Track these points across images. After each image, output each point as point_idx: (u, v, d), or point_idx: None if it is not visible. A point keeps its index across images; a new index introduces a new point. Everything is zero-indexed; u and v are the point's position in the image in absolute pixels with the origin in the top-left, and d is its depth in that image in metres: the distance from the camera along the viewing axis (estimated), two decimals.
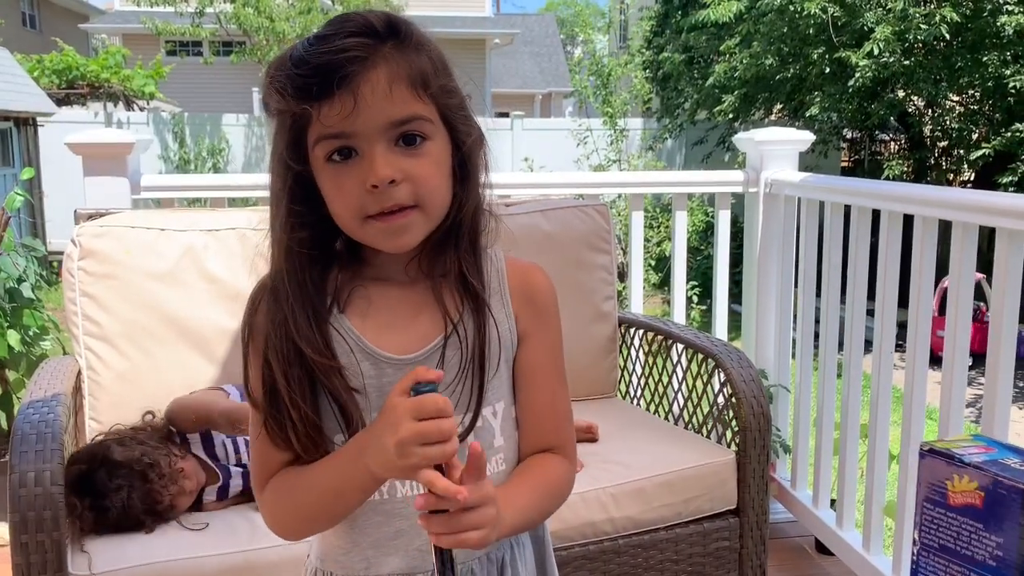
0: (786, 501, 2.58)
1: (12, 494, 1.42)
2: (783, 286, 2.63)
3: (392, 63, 0.87)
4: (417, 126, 0.88)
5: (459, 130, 0.93)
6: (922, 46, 7.92)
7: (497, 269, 0.99)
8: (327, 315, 0.94)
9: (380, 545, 0.96)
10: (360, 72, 0.85)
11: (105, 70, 13.18)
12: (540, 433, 1.01)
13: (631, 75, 10.91)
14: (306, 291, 0.93)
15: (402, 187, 0.88)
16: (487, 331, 0.95)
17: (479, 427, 0.96)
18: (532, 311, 1.00)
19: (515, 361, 0.99)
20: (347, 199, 0.89)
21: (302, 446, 0.92)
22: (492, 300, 0.97)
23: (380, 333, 0.94)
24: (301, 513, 0.93)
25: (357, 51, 0.86)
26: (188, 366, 1.95)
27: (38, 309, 2.80)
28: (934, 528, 0.86)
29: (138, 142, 2.43)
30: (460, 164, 0.93)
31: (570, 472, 1.03)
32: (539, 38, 25.23)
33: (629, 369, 2.42)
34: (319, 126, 0.87)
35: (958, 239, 1.82)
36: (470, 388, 0.94)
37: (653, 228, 9.36)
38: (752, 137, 2.72)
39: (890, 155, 10.75)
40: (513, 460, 1.00)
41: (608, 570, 1.83)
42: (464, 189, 0.94)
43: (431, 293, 0.95)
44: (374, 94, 0.86)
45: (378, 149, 0.87)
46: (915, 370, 1.96)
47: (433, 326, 0.95)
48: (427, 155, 0.89)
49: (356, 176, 0.88)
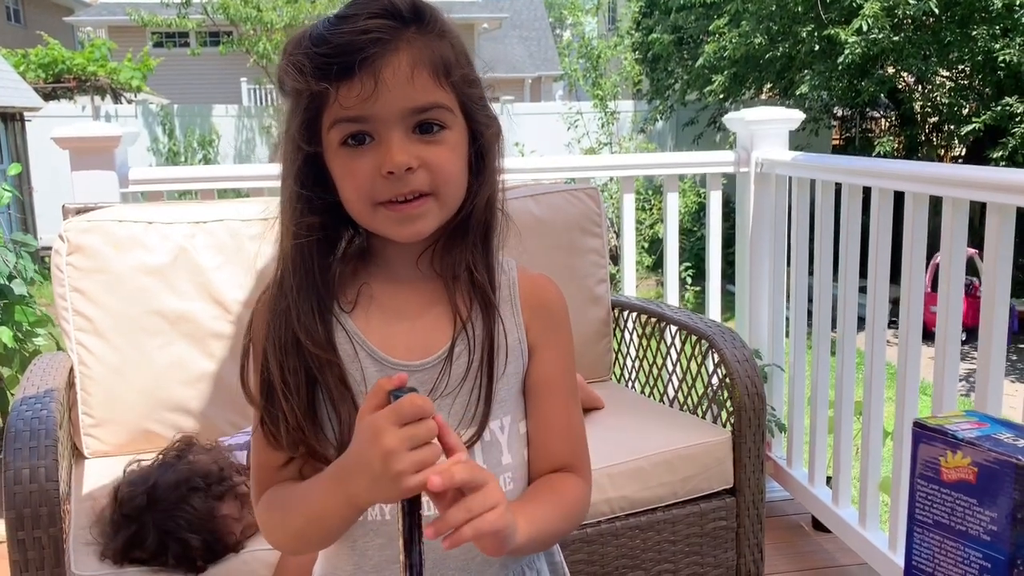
0: (782, 480, 2.59)
1: (7, 491, 1.42)
2: (776, 265, 2.63)
3: (415, 48, 0.85)
4: (437, 114, 0.86)
5: (478, 121, 0.90)
6: (911, 21, 7.91)
7: (509, 278, 0.96)
8: (331, 308, 0.91)
9: (382, 569, 0.92)
10: (382, 55, 0.83)
11: (91, 63, 13.09)
12: (553, 451, 0.96)
13: (620, 57, 10.87)
14: (311, 279, 0.89)
15: (418, 174, 0.85)
16: (497, 334, 0.92)
17: (486, 441, 0.92)
18: (543, 323, 0.96)
19: (526, 376, 0.95)
20: (359, 183, 0.86)
21: (291, 441, 0.89)
22: (503, 308, 0.94)
23: (385, 335, 0.91)
24: (290, 532, 0.90)
25: (380, 33, 0.83)
26: (180, 358, 1.95)
27: (30, 305, 2.79)
28: (928, 504, 0.86)
29: (125, 135, 2.41)
30: (476, 156, 0.91)
31: (586, 492, 0.98)
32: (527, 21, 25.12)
33: (623, 352, 2.42)
34: (336, 108, 0.84)
35: (949, 214, 1.82)
36: (477, 396, 0.91)
37: (645, 210, 9.36)
38: (742, 117, 2.71)
39: (881, 132, 10.76)
40: (522, 480, 0.96)
41: (606, 552, 1.84)
42: (478, 181, 0.91)
43: (441, 292, 0.92)
44: (395, 78, 0.83)
45: (395, 135, 0.84)
46: (908, 346, 1.96)
47: (440, 329, 0.92)
48: (444, 143, 0.87)
49: (371, 161, 0.85)
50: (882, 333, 2.09)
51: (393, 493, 0.77)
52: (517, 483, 0.95)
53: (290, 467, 0.92)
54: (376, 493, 0.79)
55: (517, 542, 0.84)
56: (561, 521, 0.94)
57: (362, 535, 0.92)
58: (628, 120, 11.32)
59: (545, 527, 0.91)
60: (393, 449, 0.75)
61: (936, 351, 1.86)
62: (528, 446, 0.97)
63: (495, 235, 0.94)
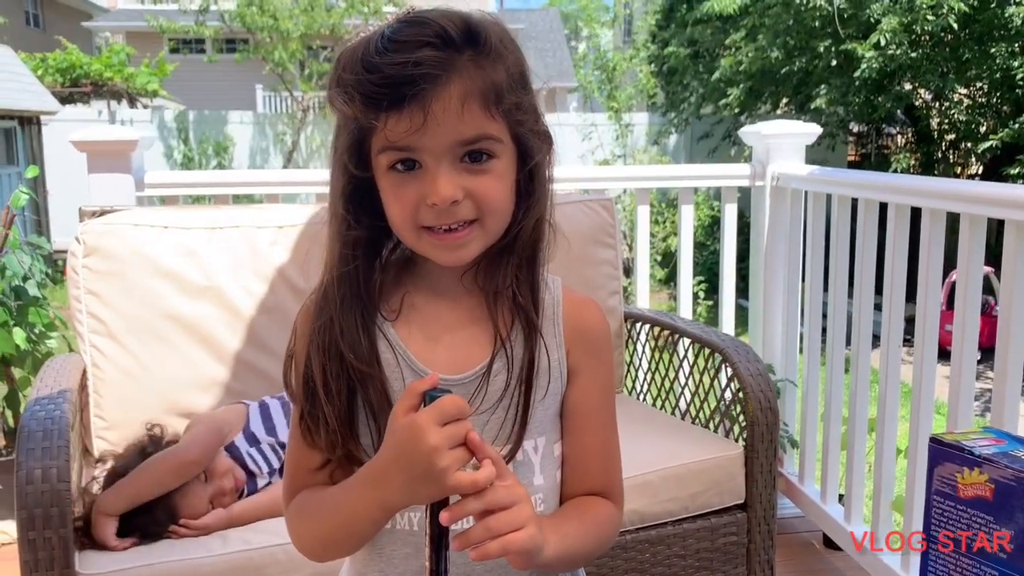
0: (794, 496, 2.57)
1: (19, 491, 1.42)
2: (790, 280, 2.61)
3: (466, 78, 0.83)
4: (485, 145, 0.86)
5: (528, 146, 0.90)
6: (929, 37, 7.88)
7: (553, 297, 0.96)
8: (375, 319, 0.91)
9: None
10: (432, 88, 0.82)
11: (108, 68, 13.20)
12: (587, 475, 0.97)
13: (636, 69, 10.90)
14: (356, 291, 0.90)
15: (464, 204, 0.85)
16: (537, 354, 0.92)
17: (518, 461, 0.92)
18: (585, 348, 0.96)
19: (564, 399, 0.96)
20: (404, 209, 0.86)
21: (329, 443, 0.90)
22: (545, 328, 0.93)
23: (426, 347, 0.92)
24: (318, 536, 0.91)
25: (432, 67, 0.82)
26: (192, 362, 1.95)
27: (44, 307, 2.80)
28: (944, 521, 0.85)
29: (142, 139, 2.42)
30: (526, 178, 0.91)
31: (617, 517, 0.98)
32: (543, 33, 25.18)
33: (635, 364, 2.41)
34: (384, 136, 0.84)
35: (966, 232, 1.81)
36: (514, 415, 0.91)
37: (659, 223, 9.35)
38: (758, 130, 2.71)
39: (897, 148, 10.71)
40: (553, 502, 0.96)
41: (615, 566, 1.83)
42: (527, 203, 0.91)
43: (483, 308, 0.92)
44: (445, 112, 0.82)
45: (443, 167, 0.84)
46: (923, 364, 1.94)
47: (480, 345, 0.92)
48: (491, 172, 0.87)
49: (417, 189, 0.85)
50: (897, 350, 2.08)
51: (435, 491, 0.79)
52: (548, 504, 0.95)
53: (324, 471, 0.93)
54: (412, 494, 0.80)
55: (545, 558, 0.84)
56: (591, 543, 0.94)
57: (389, 543, 0.93)
58: (642, 133, 11.33)
59: (575, 546, 0.91)
60: (437, 446, 0.77)
61: (952, 369, 1.84)
62: (562, 468, 0.97)
63: (542, 251, 0.94)
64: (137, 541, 1.59)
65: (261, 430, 1.81)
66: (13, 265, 2.72)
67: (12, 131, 10.90)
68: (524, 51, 0.91)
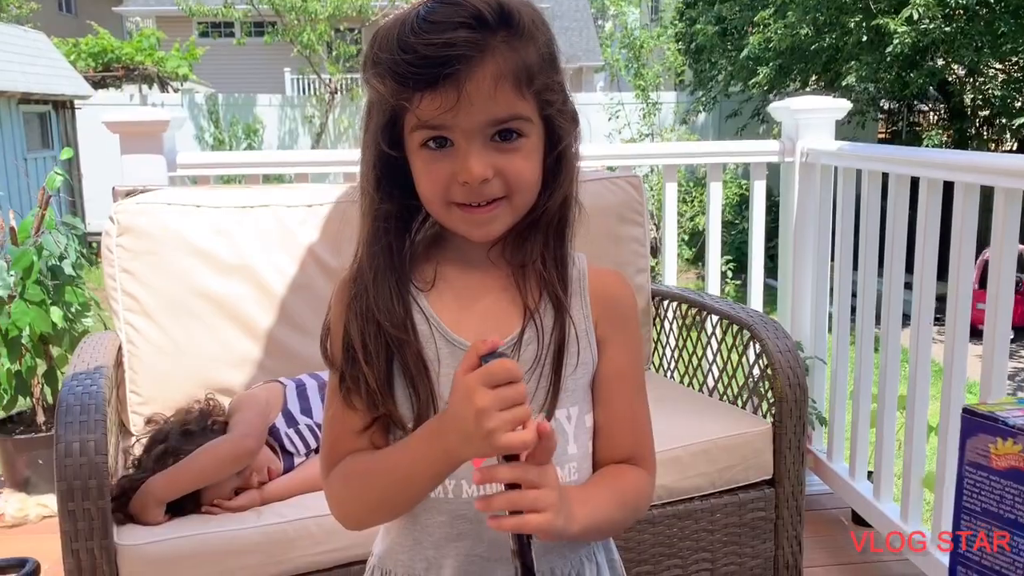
0: (822, 473, 2.56)
1: (58, 463, 1.46)
2: (819, 258, 2.59)
3: (499, 58, 0.85)
4: (516, 125, 0.87)
5: (556, 125, 0.91)
6: (963, 11, 7.73)
7: (579, 271, 0.98)
8: (408, 289, 0.94)
9: (440, 546, 0.94)
10: (466, 68, 0.83)
11: (139, 52, 13.32)
12: (618, 443, 0.98)
13: (663, 47, 10.79)
14: (389, 263, 0.92)
15: (493, 182, 0.87)
16: (566, 327, 0.93)
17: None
18: (612, 319, 0.98)
19: (595, 369, 0.97)
20: (435, 185, 0.89)
21: (371, 402, 0.92)
22: (572, 301, 0.95)
23: (457, 317, 0.94)
24: (367, 499, 0.92)
25: (466, 48, 0.83)
26: (225, 340, 1.98)
27: (79, 286, 2.85)
28: (976, 492, 0.85)
29: (173, 120, 2.45)
30: (554, 158, 0.92)
31: (649, 484, 0.99)
32: (569, 12, 25.00)
33: (663, 342, 2.41)
34: (417, 115, 0.86)
35: (1001, 205, 1.78)
36: (546, 385, 0.93)
37: (686, 203, 9.29)
38: (788, 106, 2.68)
39: (929, 125, 10.54)
40: (587, 471, 0.97)
41: (643, 539, 1.84)
42: (555, 182, 0.93)
43: (511, 280, 0.94)
44: (478, 93, 0.84)
45: (474, 146, 0.86)
46: (955, 341, 1.92)
47: (510, 316, 0.94)
48: (521, 151, 0.88)
49: (448, 166, 0.87)
50: (928, 328, 2.06)
51: (485, 449, 0.81)
52: (582, 474, 0.97)
53: (365, 435, 0.94)
54: (469, 448, 0.82)
55: (572, 531, 0.85)
56: (622, 512, 0.96)
57: (423, 510, 0.94)
58: (670, 111, 11.24)
59: (604, 516, 0.93)
60: (485, 408, 0.78)
61: (984, 347, 1.82)
62: (594, 438, 0.98)
63: (569, 228, 0.96)
64: (170, 517, 1.62)
65: (298, 410, 1.83)
66: (50, 245, 2.77)
67: (47, 115, 11.04)
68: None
